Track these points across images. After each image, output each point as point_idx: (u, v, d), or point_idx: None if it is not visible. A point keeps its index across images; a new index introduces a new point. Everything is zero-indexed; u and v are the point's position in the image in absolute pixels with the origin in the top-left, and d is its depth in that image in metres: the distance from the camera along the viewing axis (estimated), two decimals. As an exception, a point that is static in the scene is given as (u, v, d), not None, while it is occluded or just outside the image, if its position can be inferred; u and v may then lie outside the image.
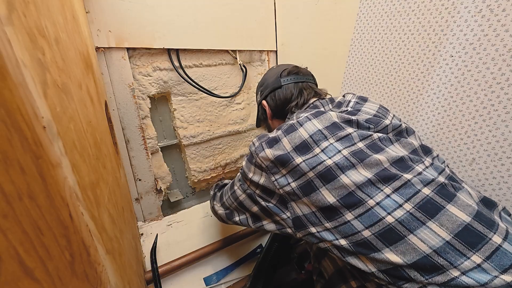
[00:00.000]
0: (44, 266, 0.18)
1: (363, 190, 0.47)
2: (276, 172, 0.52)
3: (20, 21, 0.18)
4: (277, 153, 0.52)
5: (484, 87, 0.75)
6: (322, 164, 0.49)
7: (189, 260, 0.67)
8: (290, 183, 0.50)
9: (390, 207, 0.45)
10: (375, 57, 1.04)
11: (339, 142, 0.53)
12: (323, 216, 0.48)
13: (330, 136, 0.53)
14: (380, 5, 0.97)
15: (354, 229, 0.45)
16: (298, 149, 0.52)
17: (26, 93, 0.17)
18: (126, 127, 0.75)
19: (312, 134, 0.53)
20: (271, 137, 0.56)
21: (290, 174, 0.50)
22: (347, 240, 0.46)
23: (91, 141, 0.33)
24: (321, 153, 0.51)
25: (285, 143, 0.53)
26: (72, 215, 0.21)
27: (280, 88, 0.70)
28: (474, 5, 0.73)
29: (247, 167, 0.57)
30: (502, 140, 0.73)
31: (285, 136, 0.54)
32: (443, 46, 0.82)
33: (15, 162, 0.16)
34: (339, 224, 0.47)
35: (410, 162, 0.54)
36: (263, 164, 0.53)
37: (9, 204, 0.16)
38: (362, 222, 0.45)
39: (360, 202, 0.46)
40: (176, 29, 0.75)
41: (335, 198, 0.47)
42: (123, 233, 0.44)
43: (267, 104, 0.73)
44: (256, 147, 0.55)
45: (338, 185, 0.47)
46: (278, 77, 0.72)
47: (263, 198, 0.55)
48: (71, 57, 0.32)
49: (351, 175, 0.48)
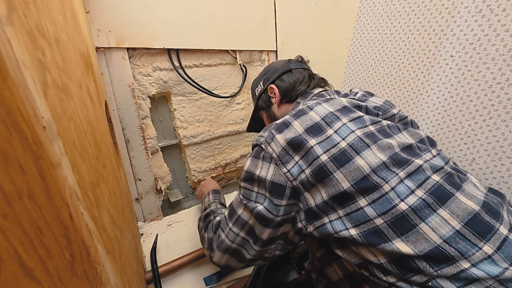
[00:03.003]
0: (44, 266, 0.18)
1: (378, 173, 0.45)
2: (287, 160, 0.48)
3: (20, 21, 0.18)
4: (289, 136, 0.49)
5: (484, 87, 0.75)
6: (336, 146, 0.46)
7: (189, 260, 0.67)
8: (304, 170, 0.47)
9: (403, 193, 0.43)
10: (375, 57, 1.04)
11: (352, 122, 0.51)
12: (335, 203, 0.46)
13: (343, 117, 0.51)
14: (380, 5, 0.97)
15: (366, 217, 0.43)
16: (310, 131, 0.49)
17: (26, 93, 0.17)
18: (126, 127, 0.75)
19: (324, 116, 0.51)
20: (280, 122, 0.53)
21: (304, 159, 0.47)
22: (357, 229, 0.44)
23: (91, 141, 0.33)
24: (334, 134, 0.48)
25: (296, 126, 0.50)
26: (72, 215, 0.21)
27: (290, 71, 0.69)
28: (474, 5, 0.73)
29: (252, 166, 0.52)
30: (502, 140, 0.73)
31: (295, 119, 0.51)
32: (443, 46, 0.82)
33: (15, 162, 0.16)
34: (352, 211, 0.44)
35: (418, 150, 0.52)
36: (274, 153, 0.49)
37: (9, 204, 0.16)
38: (376, 208, 0.43)
39: (375, 187, 0.44)
40: (176, 29, 0.75)
41: (349, 183, 0.44)
42: (123, 233, 0.44)
43: (276, 87, 0.69)
44: (265, 138, 0.52)
45: (353, 167, 0.45)
46: (287, 62, 0.71)
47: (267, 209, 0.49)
48: (71, 57, 0.32)
49: (366, 157, 0.46)
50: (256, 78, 0.77)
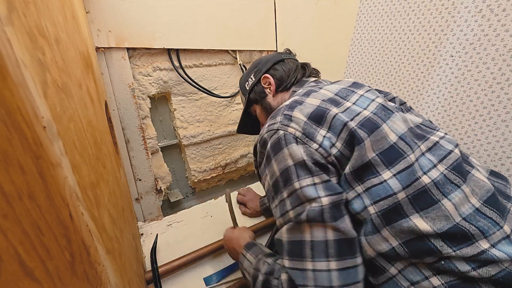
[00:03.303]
0: (44, 266, 0.18)
1: (406, 140, 0.41)
2: (314, 134, 0.42)
3: (20, 21, 0.18)
4: (307, 110, 0.44)
5: (484, 87, 0.75)
6: (360, 114, 0.43)
7: (189, 260, 0.67)
8: (335, 144, 0.41)
9: (426, 166, 0.40)
10: (375, 57, 1.04)
11: (368, 93, 0.48)
12: (355, 178, 0.41)
13: (358, 89, 0.48)
14: (380, 5, 0.97)
15: (389, 190, 0.38)
16: (329, 101, 0.45)
17: (26, 93, 0.17)
18: (126, 127, 0.75)
19: (337, 91, 0.48)
20: (289, 103, 0.48)
21: (331, 131, 0.42)
22: (376, 206, 0.39)
23: (91, 141, 0.33)
24: (354, 106, 0.45)
25: (310, 101, 0.46)
26: (72, 215, 0.21)
27: (283, 61, 0.66)
28: (474, 5, 0.73)
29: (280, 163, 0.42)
30: (502, 140, 0.73)
31: (306, 97, 0.48)
32: (443, 46, 0.82)
33: (15, 162, 0.16)
34: (372, 184, 0.40)
35: (429, 128, 0.50)
36: (297, 131, 0.42)
37: (9, 204, 0.16)
38: (401, 180, 0.39)
39: (401, 156, 0.40)
40: (176, 29, 0.75)
41: (374, 152, 0.40)
42: (123, 233, 0.44)
43: (270, 75, 0.65)
44: (280, 121, 0.45)
45: (380, 135, 0.41)
46: (277, 53, 0.69)
47: (331, 190, 0.40)
48: (71, 57, 0.32)
49: (392, 125, 0.42)
50: (244, 74, 0.73)
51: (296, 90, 0.62)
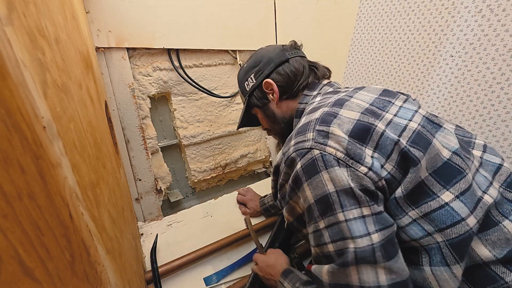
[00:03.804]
0: (44, 266, 0.18)
1: (461, 155, 0.36)
2: (361, 154, 0.35)
3: (20, 21, 0.18)
4: (347, 126, 0.37)
5: (484, 87, 0.75)
6: (407, 129, 0.37)
7: (189, 260, 0.67)
8: (384, 166, 0.35)
9: (483, 184, 0.37)
10: (375, 57, 1.04)
11: (408, 103, 0.42)
12: (407, 202, 0.35)
13: (395, 100, 0.42)
14: (380, 5, 0.97)
15: (456, 216, 0.33)
16: (369, 112, 0.38)
17: (26, 93, 0.17)
18: (126, 127, 0.75)
19: (372, 102, 0.41)
20: (320, 116, 0.40)
21: (379, 151, 0.35)
22: (443, 235, 0.33)
23: (91, 141, 0.33)
24: (396, 118, 0.38)
25: (347, 113, 0.38)
26: (72, 215, 0.21)
27: (288, 62, 0.56)
28: (474, 5, 0.73)
29: (316, 189, 0.35)
30: (502, 140, 0.73)
31: (340, 107, 0.40)
32: (443, 46, 0.82)
33: (15, 162, 0.16)
34: (431, 209, 0.34)
35: (465, 137, 0.46)
36: (339, 151, 0.35)
37: (9, 204, 0.16)
38: (467, 202, 0.33)
39: (460, 173, 0.35)
40: (176, 29, 0.75)
41: (427, 171, 0.35)
42: (123, 233, 0.44)
43: (273, 81, 0.56)
44: (314, 139, 0.36)
45: (433, 152, 0.35)
46: (281, 50, 0.58)
47: (384, 224, 0.34)
48: (71, 57, 0.32)
49: (442, 139, 0.38)
50: (243, 68, 0.63)
51: (308, 94, 0.55)
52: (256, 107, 0.63)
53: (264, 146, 1.16)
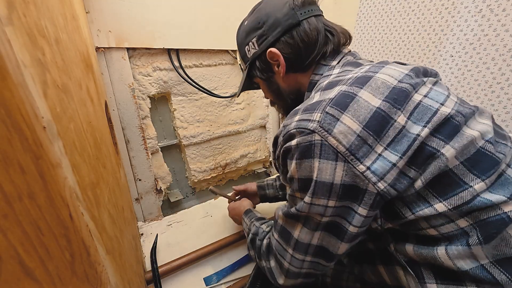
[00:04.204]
0: (44, 266, 0.18)
1: (495, 145, 0.33)
2: (366, 153, 0.32)
3: (20, 21, 0.18)
4: (364, 116, 0.33)
5: (484, 87, 0.75)
6: (438, 113, 0.33)
7: (189, 260, 0.67)
8: (396, 164, 0.32)
9: None
10: (375, 57, 1.04)
11: (438, 86, 0.38)
12: (432, 193, 0.33)
13: (425, 80, 0.38)
14: (380, 5, 0.97)
15: (489, 202, 0.31)
16: (393, 99, 0.33)
17: (26, 93, 0.17)
18: (126, 127, 0.75)
19: (402, 78, 0.36)
20: (334, 96, 0.35)
21: (393, 146, 0.32)
22: (469, 218, 0.32)
23: (91, 141, 0.33)
24: (426, 99, 0.35)
25: (367, 97, 0.34)
26: (72, 215, 0.21)
27: (299, 25, 0.46)
28: (474, 5, 0.73)
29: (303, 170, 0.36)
30: (502, 140, 0.73)
31: (361, 88, 0.35)
32: (443, 46, 0.82)
33: (15, 162, 0.16)
34: (464, 202, 0.31)
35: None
36: (341, 146, 0.32)
37: (9, 204, 0.16)
38: (497, 192, 0.31)
39: (496, 163, 0.32)
40: (176, 29, 0.75)
41: (458, 159, 0.32)
42: (123, 233, 0.44)
43: (280, 53, 0.47)
44: (320, 122, 0.34)
45: (464, 141, 0.32)
46: (290, 8, 0.46)
47: (342, 215, 0.36)
48: (71, 57, 0.32)
49: (475, 125, 0.35)
50: (244, 26, 0.53)
51: (325, 64, 0.47)
52: (258, 77, 0.55)
53: (264, 146, 1.16)
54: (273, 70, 0.51)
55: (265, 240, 0.50)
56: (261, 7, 0.50)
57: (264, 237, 0.51)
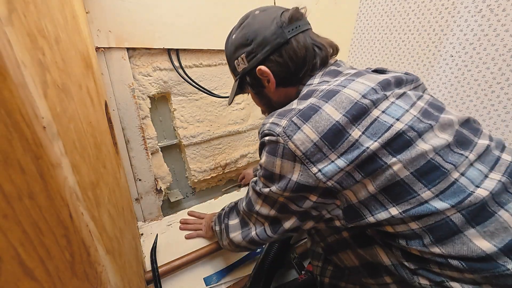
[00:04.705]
0: (44, 266, 0.18)
1: (445, 157, 0.37)
2: (319, 159, 0.37)
3: (20, 21, 0.18)
4: (323, 126, 0.37)
5: (484, 87, 0.75)
6: (390, 129, 0.37)
7: (189, 260, 0.67)
8: (343, 168, 0.37)
9: (477, 178, 0.37)
10: (375, 57, 1.04)
11: (401, 100, 0.41)
12: (386, 197, 0.37)
13: (389, 93, 0.40)
14: (380, 5, 0.97)
15: (434, 209, 0.35)
16: (351, 115, 0.37)
17: (26, 93, 0.17)
18: (126, 127, 0.75)
19: (365, 93, 0.39)
20: (303, 107, 0.40)
21: (344, 157, 0.37)
22: (419, 222, 0.36)
23: (91, 141, 0.33)
24: (383, 115, 0.38)
25: (329, 110, 0.38)
26: (72, 215, 0.21)
27: (288, 43, 0.48)
28: (474, 5, 0.73)
29: (269, 164, 0.42)
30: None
31: (326, 101, 0.39)
32: (443, 46, 0.82)
33: (15, 162, 0.16)
34: (412, 206, 0.36)
35: (474, 123, 0.45)
36: (299, 150, 0.37)
37: (9, 204, 0.16)
38: (446, 200, 0.35)
39: (443, 174, 0.36)
40: (176, 29, 0.75)
41: (408, 170, 0.36)
42: (123, 233, 0.44)
43: (269, 70, 0.49)
44: (284, 128, 0.39)
45: (414, 154, 0.36)
46: (278, 27, 0.47)
47: (294, 202, 0.42)
48: (71, 57, 0.32)
49: (429, 139, 0.38)
50: (232, 39, 0.53)
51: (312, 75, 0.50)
52: (249, 89, 0.58)
53: (264, 146, 1.16)
54: (263, 84, 0.53)
55: (229, 206, 0.59)
56: (248, 22, 0.51)
57: (229, 206, 0.60)
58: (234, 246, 0.55)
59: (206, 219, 0.79)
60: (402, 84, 0.45)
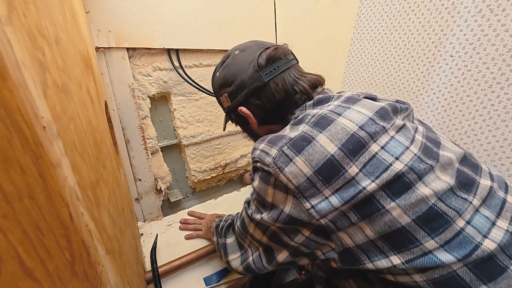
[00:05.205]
0: (44, 266, 0.18)
1: (448, 202, 0.34)
2: (313, 194, 0.35)
3: (20, 21, 0.18)
4: (317, 159, 0.34)
5: (484, 87, 0.75)
6: (389, 170, 0.34)
7: (189, 260, 0.67)
8: (338, 208, 0.34)
9: (484, 227, 0.34)
10: (375, 57, 1.04)
11: (401, 134, 0.37)
12: (388, 246, 0.34)
13: (388, 126, 0.37)
14: (380, 5, 0.97)
15: (439, 262, 0.32)
16: (348, 149, 0.34)
17: (26, 93, 0.17)
18: (126, 127, 0.75)
19: (363, 124, 0.36)
20: (295, 136, 0.37)
21: (339, 194, 0.34)
22: (423, 275, 0.33)
23: (91, 141, 0.33)
24: (382, 152, 0.35)
25: (324, 141, 0.35)
26: (72, 215, 0.21)
27: (265, 86, 0.47)
28: (474, 5, 0.73)
29: (262, 191, 0.40)
30: (502, 140, 0.73)
31: (320, 131, 0.36)
32: (443, 46, 0.82)
33: (15, 162, 0.16)
34: (415, 256, 0.33)
35: (471, 158, 0.42)
36: (291, 184, 0.35)
37: (9, 204, 0.16)
38: (452, 252, 0.32)
39: (446, 222, 0.33)
40: (176, 29, 0.75)
41: (409, 217, 0.33)
42: (123, 233, 0.44)
43: (249, 111, 0.50)
44: (274, 158, 0.36)
45: (414, 198, 0.33)
46: (255, 70, 0.47)
47: (286, 233, 0.40)
48: (71, 57, 0.32)
49: (430, 182, 0.34)
50: (216, 78, 0.54)
51: (296, 112, 0.48)
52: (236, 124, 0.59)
53: (264, 146, 1.16)
54: (248, 121, 0.53)
55: (228, 221, 0.58)
56: (228, 63, 0.51)
57: (227, 220, 0.60)
58: (231, 269, 0.53)
59: (206, 219, 0.78)
60: (397, 112, 0.42)
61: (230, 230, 0.56)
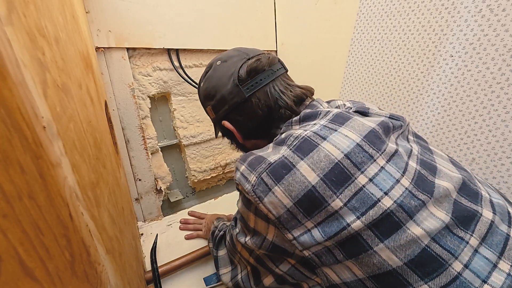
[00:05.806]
0: (44, 266, 0.18)
1: (442, 243, 0.31)
2: (294, 226, 0.33)
3: (20, 21, 0.18)
4: (297, 190, 0.32)
5: (484, 87, 0.75)
6: (376, 207, 0.31)
7: (189, 260, 0.67)
8: (321, 242, 0.32)
9: (484, 270, 0.30)
10: (375, 57, 1.04)
11: (392, 164, 0.34)
12: (379, 286, 0.32)
13: (378, 155, 0.34)
14: (380, 5, 0.97)
15: None
16: (330, 180, 0.32)
17: (26, 93, 0.17)
18: (126, 127, 0.75)
19: (349, 152, 0.33)
20: (275, 162, 0.34)
21: (321, 228, 0.32)
22: None
23: (91, 141, 0.33)
24: (370, 185, 0.32)
25: (305, 170, 0.32)
26: (72, 215, 0.21)
27: (246, 102, 0.44)
28: (474, 5, 0.73)
29: (244, 213, 0.39)
30: (502, 140, 0.73)
31: (301, 158, 0.33)
32: (443, 46, 0.82)
33: (15, 162, 0.16)
34: None
35: (471, 183, 0.38)
36: (271, 214, 0.33)
37: (9, 204, 0.16)
38: None
39: (441, 266, 0.30)
40: (176, 29, 0.75)
41: (401, 260, 0.30)
42: (123, 233, 0.44)
43: (232, 126, 0.48)
44: (254, 186, 0.34)
45: (405, 240, 0.30)
46: (235, 85, 0.44)
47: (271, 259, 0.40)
48: (71, 57, 0.32)
49: (422, 221, 0.31)
50: (201, 89, 0.52)
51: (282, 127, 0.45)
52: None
53: (264, 146, 1.16)
54: (233, 134, 0.51)
55: (221, 232, 0.57)
56: (210, 75, 0.49)
57: (221, 230, 0.58)
58: (223, 282, 0.54)
59: (206, 219, 0.78)
60: (389, 132, 0.39)
61: (222, 242, 0.57)
